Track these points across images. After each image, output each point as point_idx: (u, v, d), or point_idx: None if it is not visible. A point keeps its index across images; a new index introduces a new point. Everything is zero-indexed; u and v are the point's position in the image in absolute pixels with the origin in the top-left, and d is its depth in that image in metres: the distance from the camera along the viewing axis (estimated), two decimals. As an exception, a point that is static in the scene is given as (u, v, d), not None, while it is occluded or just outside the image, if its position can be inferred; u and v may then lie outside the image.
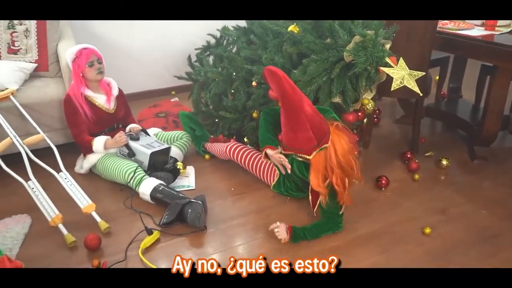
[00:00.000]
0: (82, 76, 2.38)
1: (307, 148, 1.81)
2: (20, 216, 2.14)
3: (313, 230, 2.01)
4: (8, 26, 2.66)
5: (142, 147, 2.37)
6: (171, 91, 3.66)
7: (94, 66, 2.36)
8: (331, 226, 2.03)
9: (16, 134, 2.28)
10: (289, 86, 1.71)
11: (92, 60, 2.35)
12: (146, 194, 2.23)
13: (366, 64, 1.91)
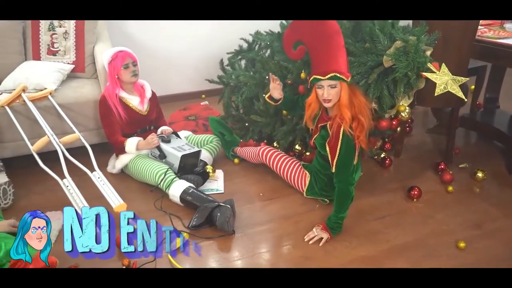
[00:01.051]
0: (117, 78, 2.44)
1: (342, 71, 1.89)
2: (54, 212, 2.18)
3: (337, 208, 2.04)
4: (48, 28, 2.75)
5: (173, 150, 2.40)
6: (201, 95, 3.69)
7: (129, 68, 2.41)
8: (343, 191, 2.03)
9: (53, 132, 2.35)
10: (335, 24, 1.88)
11: (127, 62, 2.41)
12: (176, 196, 2.25)
13: (407, 70, 1.88)
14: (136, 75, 2.45)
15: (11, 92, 2.49)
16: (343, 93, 1.93)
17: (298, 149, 2.53)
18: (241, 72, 2.76)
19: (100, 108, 2.45)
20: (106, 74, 2.51)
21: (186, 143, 2.52)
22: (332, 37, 1.89)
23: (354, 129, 1.94)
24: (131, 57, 2.43)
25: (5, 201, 2.18)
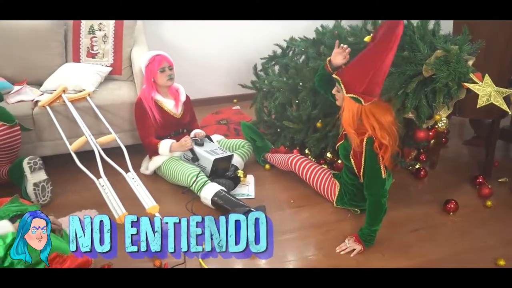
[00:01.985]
0: (154, 81, 2.48)
1: (351, 85, 1.85)
2: (89, 211, 2.24)
3: (369, 221, 2.00)
4: (89, 31, 2.83)
5: (206, 153, 2.41)
6: (233, 99, 3.70)
7: (165, 72, 2.46)
8: (376, 204, 1.98)
9: (90, 133, 2.41)
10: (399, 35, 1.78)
11: (164, 66, 2.45)
12: (208, 199, 2.26)
13: (448, 80, 1.83)
14: (171, 78, 2.50)
15: (52, 92, 2.58)
16: (345, 108, 1.91)
17: (329, 156, 2.50)
18: (274, 78, 2.75)
19: (135, 110, 2.50)
20: (143, 77, 2.56)
21: (219, 147, 2.54)
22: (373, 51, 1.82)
23: (378, 149, 1.90)
24: (167, 61, 2.47)
25: (44, 198, 2.25)
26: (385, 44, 1.78)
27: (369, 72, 1.81)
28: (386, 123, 1.90)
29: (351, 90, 1.87)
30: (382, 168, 1.93)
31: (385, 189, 1.98)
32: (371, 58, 1.81)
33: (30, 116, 2.47)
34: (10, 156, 2.32)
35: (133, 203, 2.17)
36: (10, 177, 2.29)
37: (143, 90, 2.51)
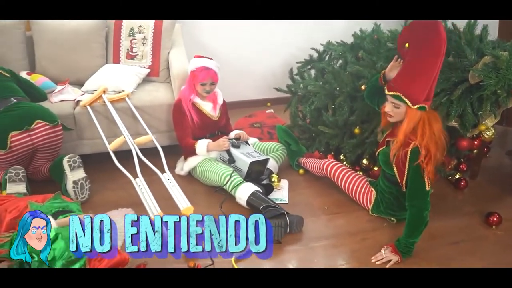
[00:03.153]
0: (194, 85, 2.51)
1: (415, 97, 1.80)
2: (125, 209, 2.28)
3: (408, 233, 1.94)
4: (129, 33, 2.90)
5: (243, 155, 2.42)
6: (266, 102, 3.70)
7: (205, 86, 2.49)
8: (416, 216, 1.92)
9: (128, 133, 2.46)
10: (444, 38, 1.74)
11: (206, 82, 2.48)
12: (243, 199, 2.26)
13: (497, 87, 1.76)
14: (208, 92, 2.53)
15: (93, 92, 2.65)
16: (408, 119, 1.85)
17: (365, 163, 2.45)
18: (310, 82, 2.73)
19: (174, 111, 2.53)
20: (186, 77, 2.59)
21: (255, 150, 2.54)
22: (430, 58, 1.76)
23: (421, 158, 1.84)
24: (212, 78, 2.49)
25: (82, 195, 2.31)
26: (436, 48, 1.74)
27: (430, 79, 1.78)
28: (436, 131, 1.85)
29: (415, 101, 1.81)
30: (427, 180, 1.87)
31: (428, 201, 1.91)
32: (428, 65, 1.76)
33: (71, 115, 2.55)
34: (52, 154, 2.39)
35: (168, 203, 2.20)
36: (51, 174, 2.36)
37: (183, 91, 2.54)
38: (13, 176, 2.23)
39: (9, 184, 2.23)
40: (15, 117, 2.24)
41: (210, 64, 2.50)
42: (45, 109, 2.36)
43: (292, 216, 2.14)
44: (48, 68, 2.81)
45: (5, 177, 2.23)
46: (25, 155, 2.30)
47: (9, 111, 2.25)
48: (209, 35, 3.35)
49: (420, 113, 1.84)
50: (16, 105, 2.28)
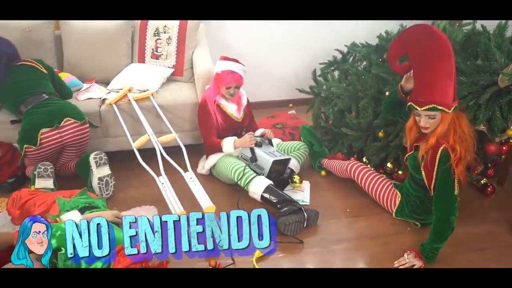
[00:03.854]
0: (218, 87, 2.51)
1: (448, 101, 1.76)
2: (148, 207, 2.31)
3: (433, 238, 1.91)
4: (154, 33, 2.93)
5: (265, 154, 2.42)
6: (288, 103, 3.69)
7: (229, 89, 2.48)
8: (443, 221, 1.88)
9: (152, 131, 2.49)
10: (443, 34, 1.74)
11: (231, 86, 2.47)
12: (257, 194, 2.28)
13: (528, 91, 1.71)
14: (232, 95, 2.52)
15: (118, 91, 2.70)
16: (442, 123, 1.82)
17: (389, 167, 2.41)
18: (334, 84, 2.71)
19: (199, 110, 2.54)
20: (210, 77, 2.60)
21: (277, 150, 2.53)
22: (442, 61, 1.73)
23: (451, 159, 1.81)
24: (237, 82, 2.47)
25: (106, 192, 2.35)
26: (444, 49, 1.73)
27: (452, 79, 1.75)
28: (465, 129, 1.83)
29: (449, 105, 1.77)
30: (456, 184, 1.83)
31: (455, 207, 1.87)
32: (445, 67, 1.74)
33: (97, 113, 2.59)
34: (78, 151, 2.45)
35: (190, 202, 2.21)
36: (78, 170, 2.41)
37: (208, 92, 2.54)
38: (42, 172, 2.29)
39: (37, 180, 2.29)
40: (46, 114, 2.30)
41: (236, 68, 2.47)
42: (74, 107, 2.42)
43: (308, 210, 2.17)
44: (76, 66, 2.87)
45: (34, 172, 2.30)
46: (54, 151, 2.36)
47: (41, 107, 2.31)
48: (233, 35, 3.36)
49: (451, 114, 1.81)
50: (47, 101, 2.35)
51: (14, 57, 2.49)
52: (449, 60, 1.74)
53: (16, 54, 2.51)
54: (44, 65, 2.51)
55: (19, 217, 1.99)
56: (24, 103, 2.33)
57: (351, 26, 3.30)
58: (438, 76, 1.75)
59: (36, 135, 2.26)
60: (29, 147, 2.28)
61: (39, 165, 2.29)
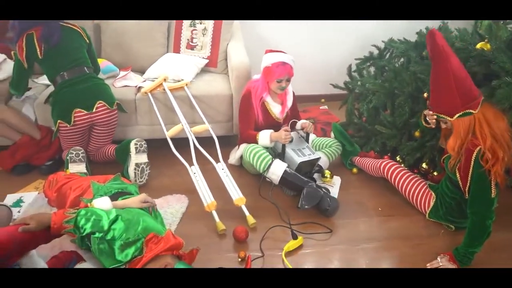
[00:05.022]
0: (268, 82, 2.43)
1: (449, 109, 1.80)
2: (179, 195, 2.34)
3: (468, 242, 1.86)
4: (190, 24, 2.95)
5: (294, 153, 2.38)
6: (320, 99, 3.66)
7: (281, 83, 2.39)
8: (478, 224, 1.83)
9: (185, 121, 2.51)
10: (440, 41, 1.76)
11: (283, 78, 2.37)
12: (277, 175, 2.29)
13: None
14: (283, 89, 2.43)
15: (153, 80, 2.73)
16: (454, 132, 1.83)
17: (424, 167, 2.35)
18: (369, 80, 2.66)
19: (242, 101, 2.48)
20: (243, 69, 2.59)
21: (307, 146, 2.47)
22: (436, 66, 1.79)
23: (488, 160, 1.75)
24: (288, 73, 2.37)
25: (141, 179, 2.39)
26: (437, 54, 1.77)
27: (451, 85, 1.75)
28: (498, 129, 1.77)
29: (450, 113, 1.80)
30: (493, 186, 1.77)
31: (492, 210, 1.81)
32: (441, 73, 1.77)
33: (133, 101, 2.64)
34: (107, 132, 2.50)
35: (220, 193, 2.24)
36: (117, 155, 2.47)
37: (255, 86, 2.45)
38: (74, 157, 2.35)
39: (70, 164, 2.35)
40: (82, 93, 2.33)
41: (287, 59, 2.36)
42: (106, 88, 2.45)
43: (332, 198, 2.21)
44: (113, 54, 2.92)
45: (67, 157, 2.36)
46: (84, 129, 2.42)
47: (77, 84, 2.33)
48: (267, 29, 3.35)
49: (468, 119, 1.78)
50: (86, 77, 2.37)
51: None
52: (444, 65, 1.75)
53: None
54: (86, 34, 2.49)
55: (55, 199, 2.05)
56: (64, 72, 2.33)
57: (388, 21, 3.22)
58: (438, 81, 1.80)
59: (70, 114, 2.32)
60: (62, 123, 2.34)
61: (71, 150, 2.35)
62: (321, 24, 3.37)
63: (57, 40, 2.31)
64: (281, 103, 2.54)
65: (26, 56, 2.29)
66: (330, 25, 3.39)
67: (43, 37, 2.27)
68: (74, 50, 2.38)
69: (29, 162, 2.55)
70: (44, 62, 2.33)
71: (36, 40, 2.27)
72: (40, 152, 2.55)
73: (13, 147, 2.54)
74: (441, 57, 1.76)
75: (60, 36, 2.32)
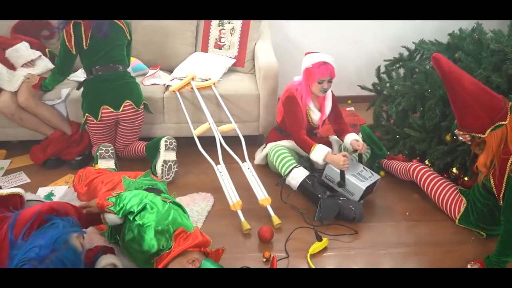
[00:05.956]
0: (309, 85, 2.34)
1: (477, 126, 1.77)
2: (205, 194, 2.35)
3: (501, 250, 1.81)
4: (218, 24, 2.97)
5: (355, 178, 2.19)
6: (347, 100, 3.61)
7: (322, 84, 2.30)
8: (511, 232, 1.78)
9: (213, 120, 2.53)
10: (445, 65, 1.77)
11: (324, 79, 2.29)
12: (297, 180, 2.28)
13: None
14: (325, 91, 2.34)
15: (181, 79, 2.76)
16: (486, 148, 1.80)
17: (455, 172, 2.29)
18: (399, 82, 2.61)
19: (286, 101, 2.37)
20: (271, 69, 2.59)
21: (364, 168, 2.30)
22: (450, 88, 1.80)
23: None
24: (331, 74, 2.27)
25: (167, 176, 2.41)
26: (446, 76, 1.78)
27: (471, 105, 1.75)
28: None
29: (483, 128, 1.76)
30: None
31: None
32: (457, 96, 1.78)
33: (161, 99, 2.67)
34: (132, 131, 2.54)
35: (246, 192, 2.24)
36: (147, 152, 2.51)
37: (298, 89, 2.36)
38: (103, 153, 2.41)
39: (100, 160, 2.41)
40: (112, 91, 2.39)
41: (328, 59, 2.27)
42: (137, 88, 2.49)
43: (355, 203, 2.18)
44: (142, 52, 2.96)
45: (97, 153, 2.42)
46: (110, 125, 2.48)
47: (111, 81, 2.38)
48: (295, 29, 3.34)
49: (500, 130, 1.75)
50: (118, 75, 2.41)
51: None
52: (456, 86, 1.76)
53: None
54: (130, 30, 2.50)
55: (85, 193, 2.10)
56: (99, 67, 2.36)
57: (419, 21, 3.16)
58: (454, 103, 1.82)
59: (98, 110, 2.38)
60: (90, 117, 2.40)
61: (100, 146, 2.42)
62: (348, 24, 3.33)
63: (105, 33, 2.33)
64: (321, 111, 2.45)
65: (74, 43, 2.30)
66: (358, 25, 3.34)
67: (93, 29, 2.30)
68: (115, 47, 2.41)
69: (60, 157, 2.61)
70: (85, 53, 2.36)
71: (83, 30, 2.30)
72: (71, 147, 2.61)
73: (45, 142, 2.62)
74: (452, 81, 1.76)
75: (108, 30, 2.34)
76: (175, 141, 2.43)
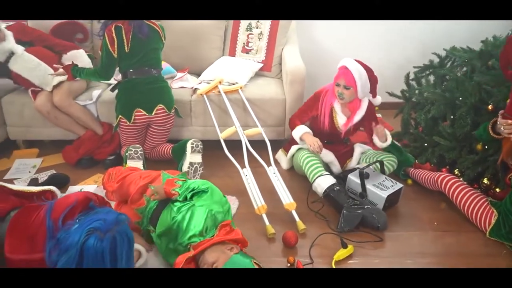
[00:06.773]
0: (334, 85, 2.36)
1: None
2: (230, 197, 2.36)
3: None
4: (246, 28, 3.00)
5: (376, 188, 2.23)
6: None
7: (338, 87, 2.32)
8: None
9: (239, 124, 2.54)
10: None
11: (339, 83, 2.30)
12: (322, 187, 2.28)
13: None
14: (341, 96, 2.33)
15: (209, 82, 2.79)
16: None
17: (486, 183, 2.23)
18: (428, 89, 2.57)
19: (311, 96, 2.50)
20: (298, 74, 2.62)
21: (386, 177, 2.32)
22: None
23: None
24: (346, 80, 2.27)
25: (193, 178, 2.44)
26: None
27: None
28: None
29: None
30: None
31: None
32: None
33: (189, 102, 2.71)
34: (162, 132, 2.59)
35: (271, 196, 2.24)
36: (173, 153, 2.55)
37: (331, 90, 2.40)
38: (133, 154, 2.46)
39: (129, 161, 2.46)
40: (146, 95, 2.45)
41: (352, 66, 2.27)
42: (169, 92, 2.55)
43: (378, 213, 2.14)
44: (171, 56, 3.01)
45: (126, 154, 2.47)
46: (142, 128, 2.54)
47: (143, 84, 2.43)
48: (324, 33, 3.34)
49: None
50: (153, 79, 2.46)
51: None
52: None
53: None
54: (164, 34, 2.52)
55: (116, 190, 2.13)
56: (133, 70, 2.40)
57: (451, 27, 3.09)
58: None
59: (132, 112, 2.44)
60: (123, 119, 2.47)
61: (130, 147, 2.47)
62: (376, 28, 3.30)
63: (147, 34, 2.37)
64: (348, 116, 2.43)
65: (117, 46, 2.33)
66: (387, 29, 3.31)
67: (134, 30, 2.33)
68: (152, 50, 2.46)
69: (93, 156, 2.69)
70: (125, 56, 2.38)
71: (124, 33, 2.33)
72: (102, 147, 2.68)
73: (77, 142, 2.70)
74: None
75: (148, 32, 2.39)
76: (201, 143, 2.46)
